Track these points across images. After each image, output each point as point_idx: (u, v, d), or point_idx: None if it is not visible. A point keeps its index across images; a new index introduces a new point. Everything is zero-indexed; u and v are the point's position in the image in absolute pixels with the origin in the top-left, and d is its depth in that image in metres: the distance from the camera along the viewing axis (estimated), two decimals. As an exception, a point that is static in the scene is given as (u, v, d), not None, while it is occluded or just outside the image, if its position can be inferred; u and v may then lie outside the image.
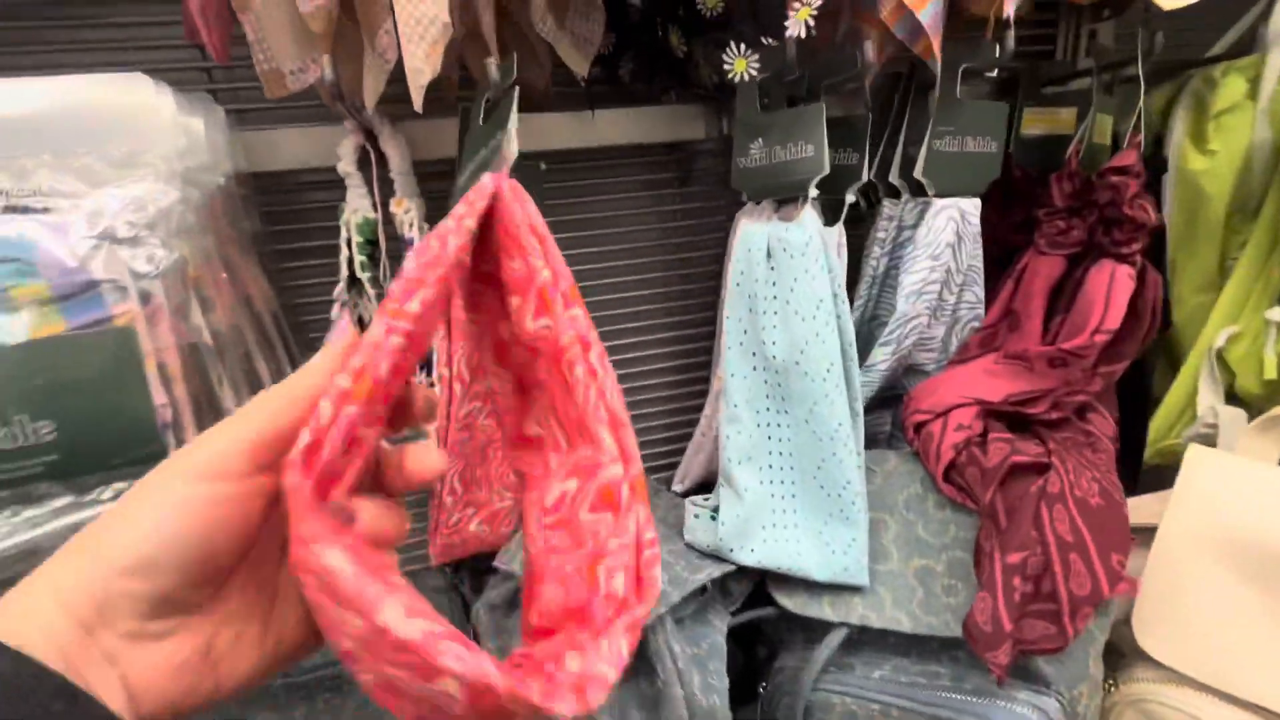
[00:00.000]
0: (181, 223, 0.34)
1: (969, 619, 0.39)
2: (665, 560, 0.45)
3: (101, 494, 0.29)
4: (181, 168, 0.35)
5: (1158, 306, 0.48)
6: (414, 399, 0.22)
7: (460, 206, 0.22)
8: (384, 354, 0.19)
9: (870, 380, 0.50)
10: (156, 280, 0.32)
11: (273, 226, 0.49)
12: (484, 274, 0.25)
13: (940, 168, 0.46)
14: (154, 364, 0.31)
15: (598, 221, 0.56)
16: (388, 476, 0.21)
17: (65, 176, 0.31)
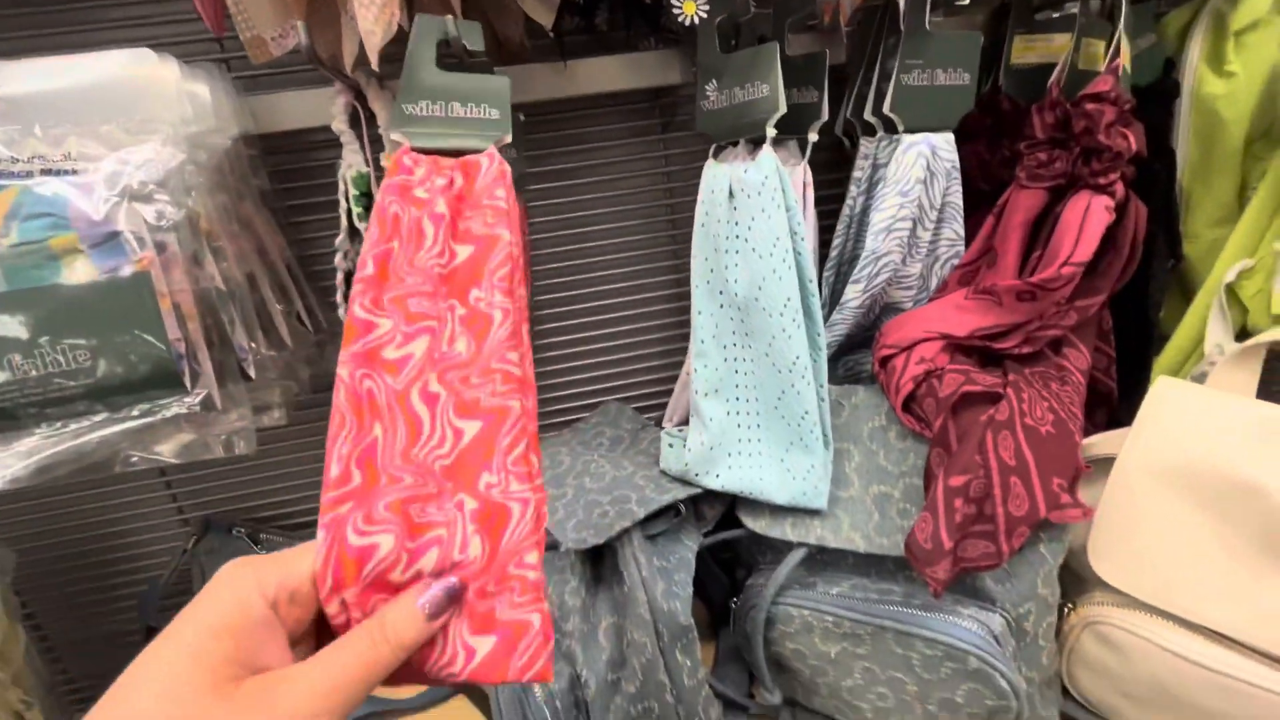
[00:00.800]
0: (190, 181, 0.39)
1: (910, 537, 0.41)
2: (637, 484, 0.49)
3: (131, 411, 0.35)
4: (188, 132, 0.39)
5: (1138, 240, 0.47)
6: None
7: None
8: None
9: (843, 318, 0.51)
10: (170, 232, 0.37)
11: (284, 184, 0.54)
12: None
13: (909, 102, 0.46)
14: (169, 304, 0.36)
15: (584, 170, 0.58)
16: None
17: (90, 143, 0.36)
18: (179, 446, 0.38)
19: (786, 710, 0.51)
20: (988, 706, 0.41)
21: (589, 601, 0.47)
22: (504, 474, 0.27)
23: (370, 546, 0.25)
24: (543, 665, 0.26)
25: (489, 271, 0.29)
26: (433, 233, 0.29)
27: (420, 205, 0.30)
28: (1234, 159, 0.57)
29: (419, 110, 0.37)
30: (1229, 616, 0.40)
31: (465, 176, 0.31)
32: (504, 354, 0.28)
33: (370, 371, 0.27)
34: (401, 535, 0.25)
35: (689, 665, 0.45)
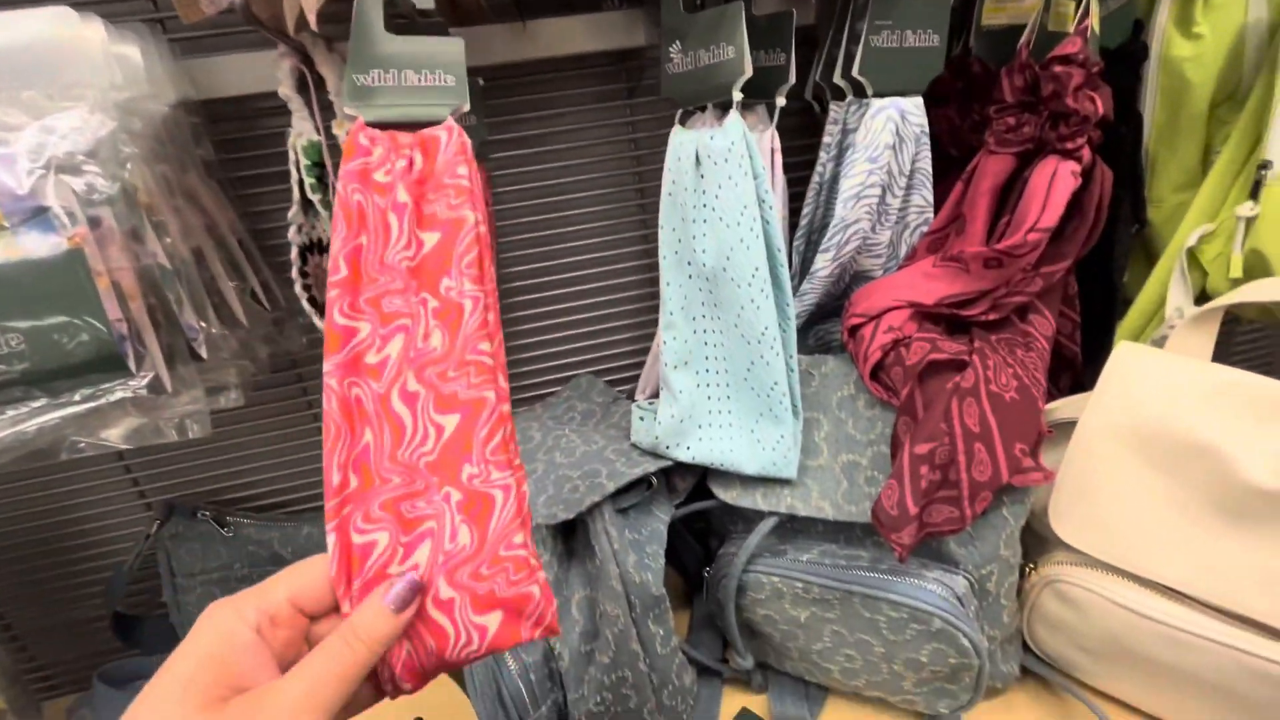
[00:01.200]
0: (124, 151, 0.37)
1: (876, 505, 0.41)
2: (608, 458, 0.48)
3: (72, 396, 0.34)
4: (119, 98, 0.37)
5: (1104, 205, 0.47)
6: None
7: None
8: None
9: (813, 287, 0.51)
10: (105, 206, 0.35)
11: (231, 154, 0.51)
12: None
13: (878, 65, 0.45)
14: (108, 283, 0.34)
15: (548, 137, 0.57)
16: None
17: (10, 110, 0.34)
18: (128, 431, 0.37)
19: (758, 673, 0.52)
20: (951, 665, 0.43)
21: (561, 575, 0.47)
22: (484, 464, 0.28)
23: (369, 544, 0.27)
24: (550, 621, 0.28)
25: (457, 258, 0.29)
26: (397, 225, 0.29)
27: (383, 192, 0.29)
28: (1199, 122, 0.57)
29: (370, 80, 0.35)
30: (1181, 573, 0.41)
31: (425, 154, 0.30)
32: (476, 345, 0.28)
33: (356, 379, 0.28)
34: (396, 531, 0.27)
35: (661, 634, 0.45)
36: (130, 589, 0.63)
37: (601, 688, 0.44)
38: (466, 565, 0.27)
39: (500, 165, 0.57)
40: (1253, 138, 0.54)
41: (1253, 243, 0.53)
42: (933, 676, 0.44)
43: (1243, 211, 0.53)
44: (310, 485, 0.64)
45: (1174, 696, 0.44)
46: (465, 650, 0.27)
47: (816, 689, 0.51)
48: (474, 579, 0.27)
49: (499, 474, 0.28)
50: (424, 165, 0.30)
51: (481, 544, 0.27)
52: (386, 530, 0.27)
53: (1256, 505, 0.38)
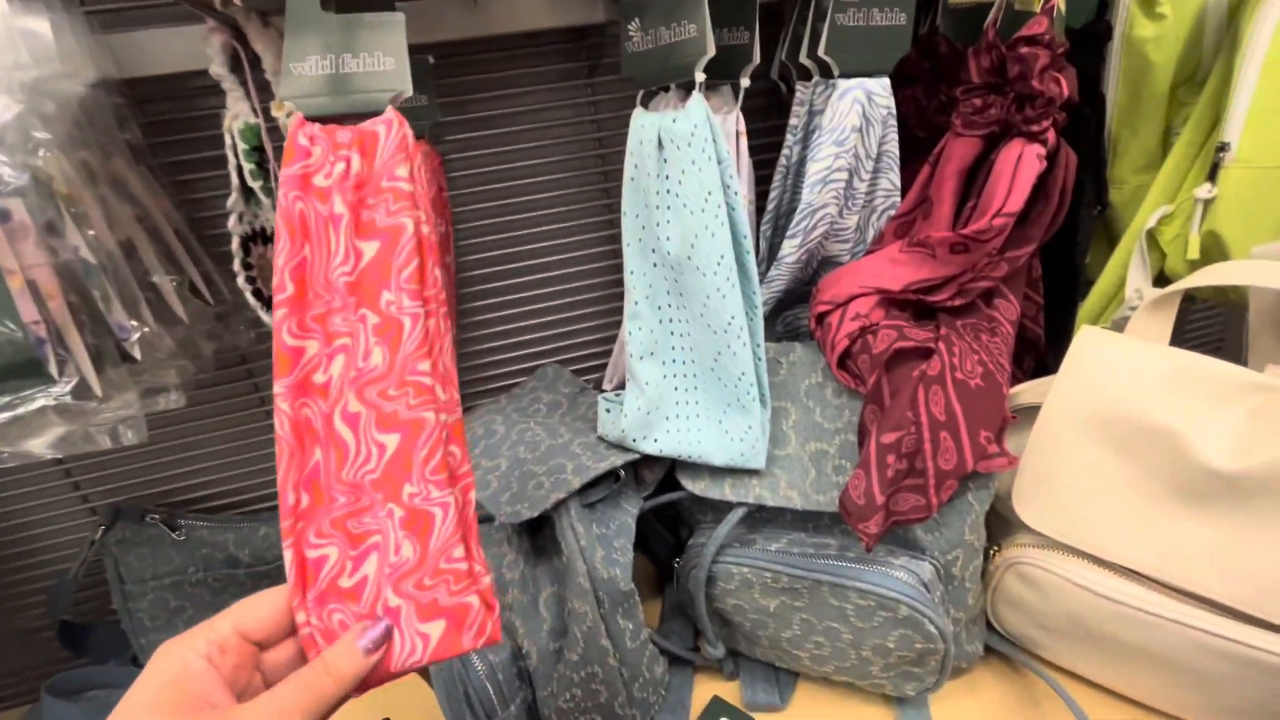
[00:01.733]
0: (36, 137, 0.34)
1: (844, 494, 0.41)
2: (574, 452, 0.47)
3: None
4: (26, 78, 0.34)
5: (1068, 187, 0.47)
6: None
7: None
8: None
9: (780, 274, 0.50)
10: (14, 198, 0.32)
11: (162, 137, 0.48)
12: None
13: (844, 44, 0.44)
14: (20, 282, 0.31)
15: (505, 118, 0.54)
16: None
17: (-99, 92, 0.31)
18: (55, 440, 0.34)
19: (730, 660, 0.52)
20: (917, 650, 0.43)
21: (528, 573, 0.46)
22: (424, 484, 0.29)
23: (321, 558, 0.28)
24: (491, 631, 0.29)
25: (396, 270, 0.29)
26: (334, 238, 0.28)
27: (324, 199, 0.28)
28: (1160, 104, 0.57)
29: (307, 68, 0.32)
30: (1139, 554, 0.42)
31: (363, 154, 0.29)
32: (415, 365, 0.29)
33: (306, 399, 0.28)
34: (345, 546, 0.28)
35: (631, 628, 0.45)
36: (79, 596, 0.60)
37: (571, 684, 0.44)
38: (410, 577, 0.28)
39: (457, 147, 0.55)
40: (1211, 120, 0.54)
41: (1210, 224, 0.54)
42: (900, 661, 0.45)
43: (1200, 193, 0.53)
44: (266, 485, 0.61)
45: (1131, 672, 0.45)
46: (409, 659, 0.28)
47: (787, 675, 0.52)
48: (418, 589, 0.28)
49: (438, 493, 0.29)
50: (362, 168, 0.29)
51: (423, 558, 0.28)
52: (336, 545, 0.28)
53: (1211, 486, 0.39)
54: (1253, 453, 0.37)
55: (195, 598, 0.58)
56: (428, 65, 0.46)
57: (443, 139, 0.54)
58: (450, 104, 0.53)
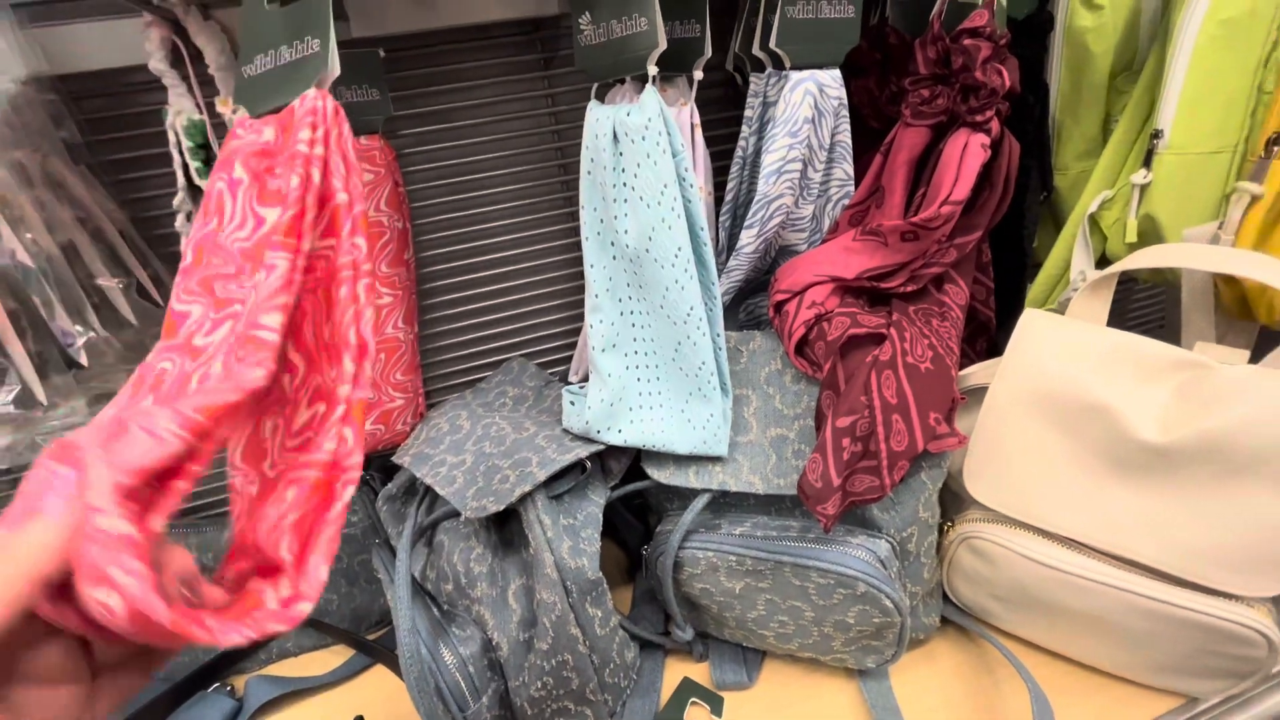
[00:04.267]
0: (-37, 137, 0.33)
1: (802, 478, 0.42)
2: (539, 445, 0.48)
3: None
4: (-50, 76, 0.32)
5: (1012, 175, 0.49)
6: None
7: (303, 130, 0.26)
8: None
9: (739, 264, 0.51)
10: (-57, 201, 0.31)
11: (104, 135, 0.47)
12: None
13: (795, 36, 0.44)
14: (-46, 288, 0.30)
15: (461, 112, 0.54)
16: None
17: None
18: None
19: (699, 642, 0.53)
20: (876, 624, 0.45)
21: (496, 566, 0.47)
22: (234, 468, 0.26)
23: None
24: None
25: (279, 226, 0.26)
26: (231, 204, 0.27)
27: (228, 167, 0.27)
28: (1100, 92, 0.59)
29: (256, 69, 0.32)
30: (1079, 524, 0.44)
31: (280, 128, 0.28)
32: (259, 317, 0.25)
33: (172, 356, 0.25)
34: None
35: (600, 616, 0.46)
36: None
37: (542, 673, 0.44)
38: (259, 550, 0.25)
39: (412, 142, 0.54)
40: (1146, 108, 0.57)
41: (1146, 208, 0.56)
42: (859, 635, 0.46)
43: (1137, 179, 0.56)
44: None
45: (1076, 636, 0.47)
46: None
47: (754, 654, 0.53)
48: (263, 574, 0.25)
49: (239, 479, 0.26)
50: (275, 138, 0.28)
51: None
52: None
53: (1144, 459, 0.41)
54: (1179, 426, 0.40)
55: (158, 605, 0.57)
56: (378, 59, 0.45)
57: (397, 133, 0.53)
58: (404, 98, 0.52)
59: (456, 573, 0.46)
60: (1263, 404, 0.38)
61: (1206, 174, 0.55)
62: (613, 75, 0.43)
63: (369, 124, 0.47)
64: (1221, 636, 0.40)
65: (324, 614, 0.61)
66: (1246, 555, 0.39)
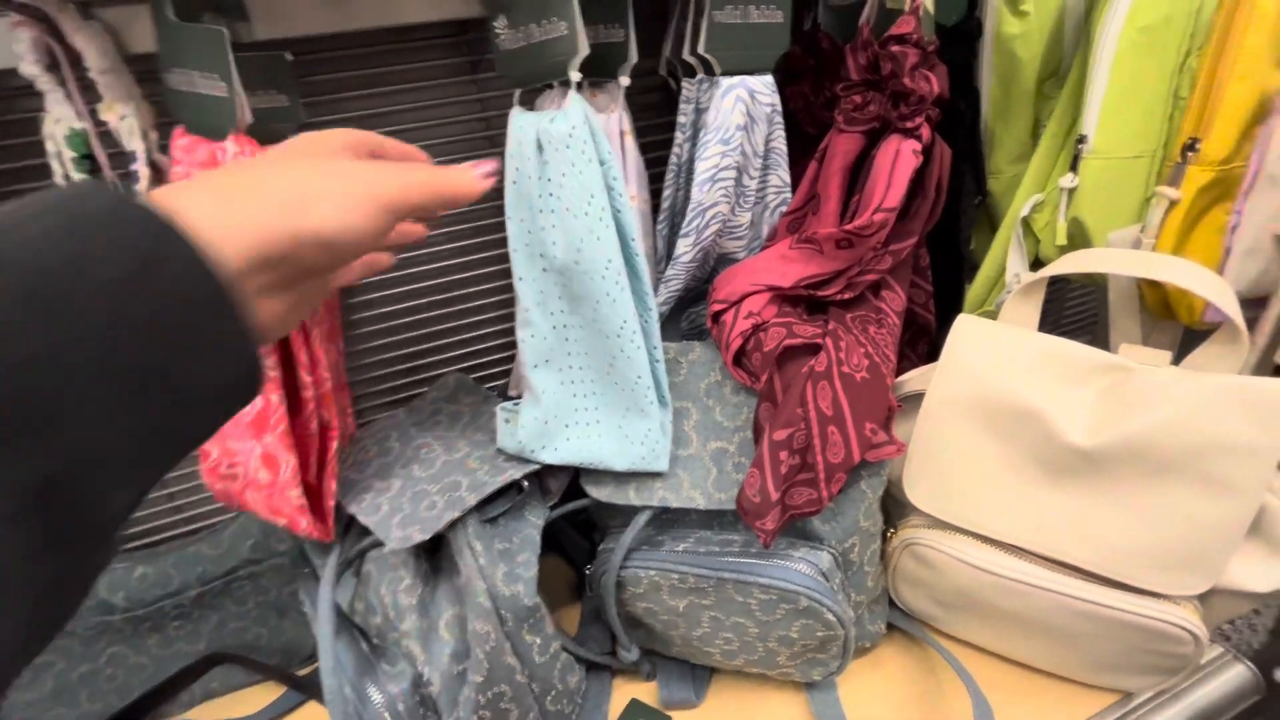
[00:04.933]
0: None
1: (740, 493, 0.42)
2: (469, 467, 0.46)
3: None
4: None
5: (944, 182, 0.49)
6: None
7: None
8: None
9: (676, 273, 0.50)
10: None
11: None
12: None
13: (723, 41, 0.44)
14: None
15: (384, 119, 0.51)
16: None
17: None
18: None
19: (646, 662, 0.52)
20: (819, 637, 0.44)
21: (427, 596, 0.44)
22: None
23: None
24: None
25: None
26: None
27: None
28: (1029, 98, 0.60)
29: (175, 81, 0.30)
30: (1014, 528, 0.44)
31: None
32: None
33: None
34: None
35: (539, 642, 0.44)
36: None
37: (477, 707, 0.42)
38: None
39: (332, 149, 0.51)
40: (1072, 112, 0.58)
41: (1073, 212, 0.57)
42: (804, 649, 0.46)
43: (1064, 183, 0.57)
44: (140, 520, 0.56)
45: (1016, 638, 0.48)
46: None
47: (702, 670, 0.52)
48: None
49: None
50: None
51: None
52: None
53: (1073, 462, 0.42)
54: (1106, 429, 0.40)
55: (66, 650, 0.53)
56: (285, 62, 0.42)
57: (314, 140, 0.50)
58: (321, 104, 0.49)
59: (384, 605, 0.44)
60: (1181, 406, 0.38)
61: (1129, 178, 0.56)
62: (533, 82, 0.41)
63: (278, 132, 0.44)
64: (1152, 635, 0.41)
65: (253, 649, 0.57)
66: (1172, 554, 0.40)
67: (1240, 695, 0.48)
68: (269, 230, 0.20)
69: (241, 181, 0.21)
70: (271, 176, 0.22)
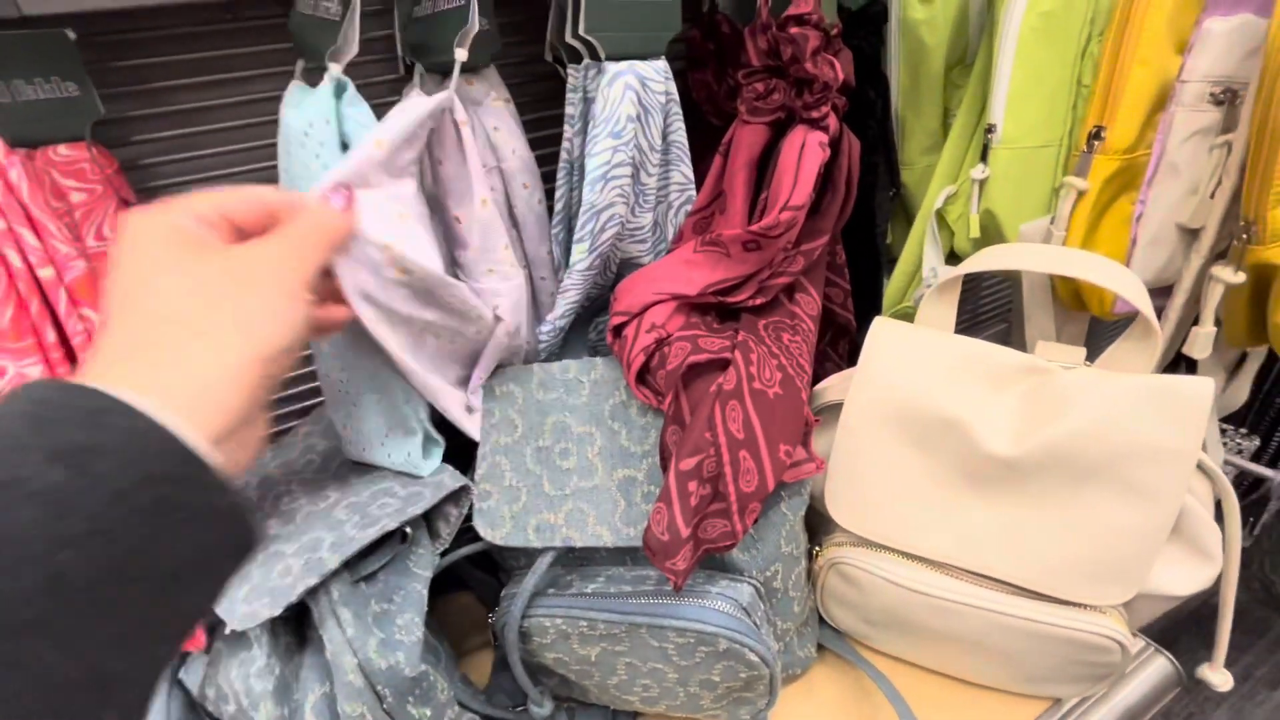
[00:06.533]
0: None
1: (647, 532, 0.37)
2: (336, 519, 0.39)
3: None
4: None
5: (854, 175, 0.46)
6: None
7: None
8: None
9: (574, 283, 0.44)
10: None
11: None
12: None
13: (606, 22, 0.39)
14: None
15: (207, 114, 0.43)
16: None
17: None
18: None
19: (561, 712, 0.47)
20: (743, 678, 0.40)
21: (290, 675, 0.38)
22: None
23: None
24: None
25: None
26: None
27: None
28: (937, 85, 0.58)
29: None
30: (939, 544, 0.42)
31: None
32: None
33: None
34: None
35: (429, 714, 0.38)
36: None
37: (356, 800, 0.36)
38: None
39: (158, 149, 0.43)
40: (980, 101, 0.56)
41: (986, 203, 0.56)
42: (728, 691, 0.42)
43: (975, 174, 0.55)
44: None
45: (948, 654, 0.46)
46: None
47: (625, 716, 0.48)
48: None
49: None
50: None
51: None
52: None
53: (996, 472, 0.40)
54: (1027, 437, 0.38)
55: None
56: (66, 41, 0.34)
57: (129, 140, 0.42)
58: (130, 95, 0.41)
59: (235, 692, 0.37)
60: (1100, 411, 0.36)
61: (1037, 168, 0.55)
62: (311, 59, 0.35)
63: (67, 128, 0.36)
64: (1079, 646, 0.39)
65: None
66: (1097, 565, 0.38)
67: (1163, 689, 0.48)
68: (234, 387, 0.20)
69: (173, 336, 0.21)
70: (189, 314, 0.21)
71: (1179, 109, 0.50)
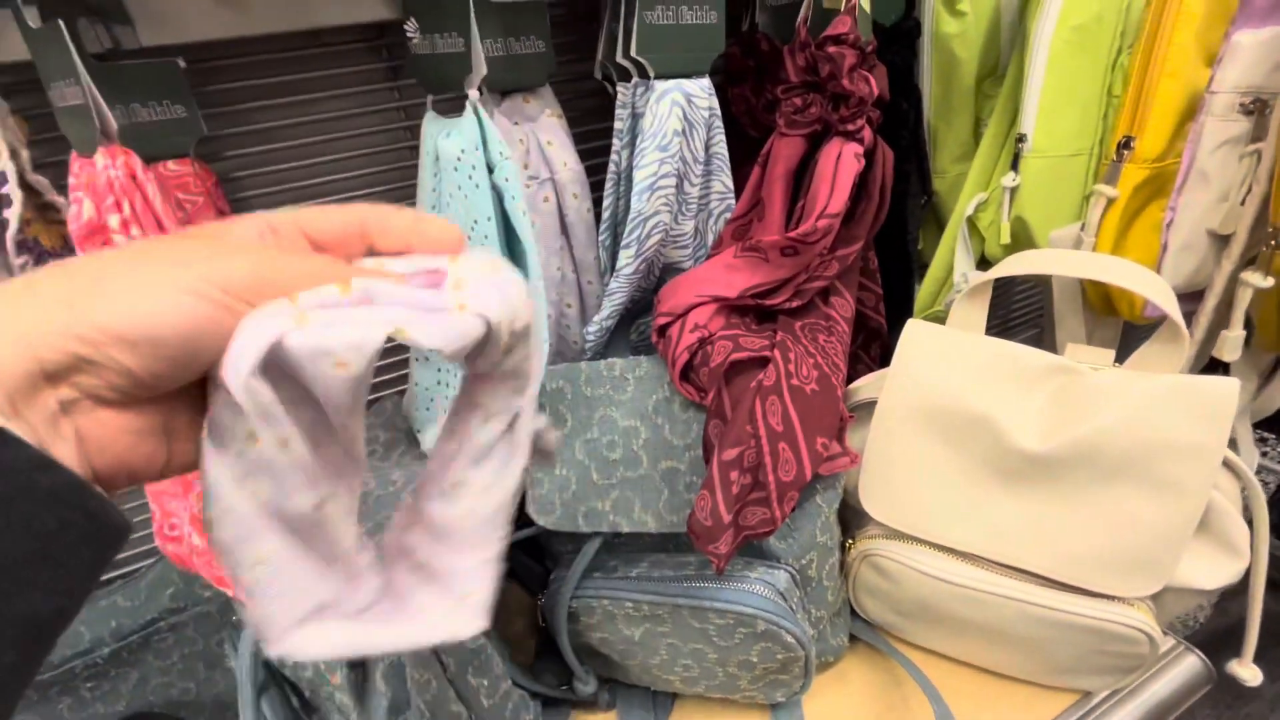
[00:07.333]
0: None
1: (691, 517, 0.40)
2: (404, 502, 0.43)
3: None
4: None
5: (888, 184, 0.48)
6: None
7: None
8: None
9: (620, 286, 0.47)
10: None
11: None
12: None
13: (656, 43, 0.42)
14: None
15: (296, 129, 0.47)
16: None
17: None
18: None
19: (604, 691, 0.50)
20: (780, 660, 0.43)
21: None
22: None
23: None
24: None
25: None
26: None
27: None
28: (969, 96, 0.60)
29: (54, 95, 0.26)
30: (970, 537, 0.44)
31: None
32: None
33: None
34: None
35: (486, 684, 0.41)
36: None
37: (421, 760, 0.39)
38: None
39: (244, 164, 0.47)
40: (1011, 111, 0.58)
41: (1016, 210, 0.57)
42: (766, 672, 0.44)
43: (1006, 182, 0.57)
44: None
45: (976, 645, 0.47)
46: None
47: (664, 697, 0.50)
48: None
49: None
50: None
51: None
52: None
53: (1025, 468, 0.41)
54: (1055, 434, 0.40)
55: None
56: (178, 70, 0.39)
57: (220, 156, 0.46)
58: (225, 115, 0.45)
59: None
60: (1128, 409, 0.38)
61: (1068, 176, 0.56)
62: (442, 92, 0.38)
63: (176, 145, 0.40)
64: (1108, 637, 0.41)
65: (181, 706, 0.53)
66: (1124, 557, 0.39)
67: (1193, 686, 0.48)
68: (36, 337, 0.16)
69: (34, 281, 0.17)
70: (76, 271, 0.17)
71: (1209, 119, 0.51)
